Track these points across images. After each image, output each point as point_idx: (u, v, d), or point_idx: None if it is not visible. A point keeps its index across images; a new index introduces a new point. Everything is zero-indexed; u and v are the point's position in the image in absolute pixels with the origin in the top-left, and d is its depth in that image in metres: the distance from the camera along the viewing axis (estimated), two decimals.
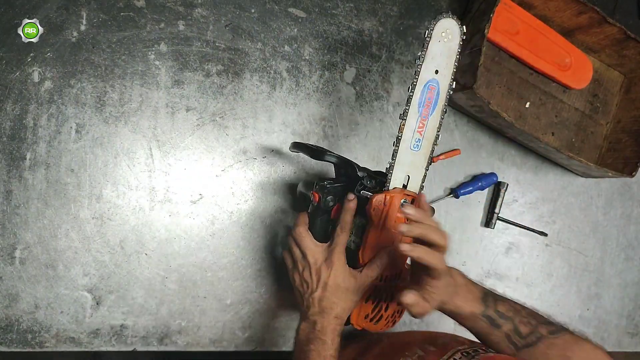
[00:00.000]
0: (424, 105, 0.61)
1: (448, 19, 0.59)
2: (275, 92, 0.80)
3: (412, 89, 0.60)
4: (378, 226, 0.63)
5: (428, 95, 0.61)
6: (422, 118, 0.62)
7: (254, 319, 0.81)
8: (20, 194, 0.70)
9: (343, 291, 0.61)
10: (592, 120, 0.99)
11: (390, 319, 0.71)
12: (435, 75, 0.60)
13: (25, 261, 0.71)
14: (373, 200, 0.61)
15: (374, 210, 0.61)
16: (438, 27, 0.59)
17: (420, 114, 0.61)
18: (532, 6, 0.89)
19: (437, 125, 0.63)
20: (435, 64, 0.60)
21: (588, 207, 1.02)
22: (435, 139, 0.63)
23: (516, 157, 0.96)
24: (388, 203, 0.61)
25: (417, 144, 0.63)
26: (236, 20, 0.78)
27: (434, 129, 0.63)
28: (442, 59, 0.60)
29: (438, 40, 0.59)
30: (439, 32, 0.59)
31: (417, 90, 0.60)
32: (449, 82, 0.61)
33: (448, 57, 0.60)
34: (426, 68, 0.60)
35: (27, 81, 0.70)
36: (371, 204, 0.61)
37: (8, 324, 0.71)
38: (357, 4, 0.84)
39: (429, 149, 0.64)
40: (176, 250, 0.76)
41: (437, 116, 0.62)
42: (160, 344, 0.76)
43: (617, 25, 0.86)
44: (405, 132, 0.61)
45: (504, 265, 0.96)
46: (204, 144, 0.77)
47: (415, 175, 0.64)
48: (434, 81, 0.61)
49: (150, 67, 0.75)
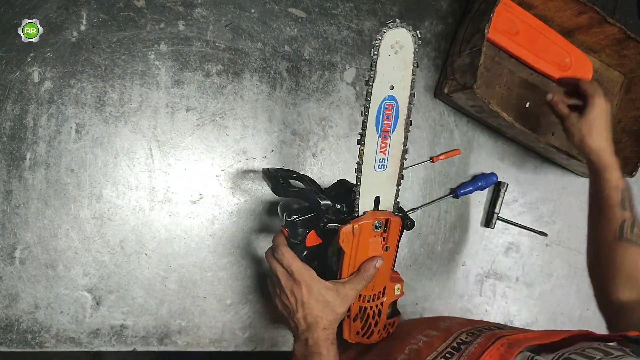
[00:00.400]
0: (382, 125, 0.57)
1: (395, 29, 0.53)
2: (275, 92, 0.80)
3: (365, 111, 0.56)
4: (351, 256, 0.62)
5: (386, 114, 0.56)
6: (383, 138, 0.58)
7: (254, 319, 0.81)
8: (20, 194, 0.70)
9: (323, 304, 0.60)
10: None
11: (382, 332, 0.70)
12: (391, 91, 0.55)
13: (25, 261, 0.71)
14: (341, 233, 0.60)
15: (343, 242, 0.60)
16: (385, 40, 0.53)
17: (380, 135, 0.57)
18: (532, 6, 0.89)
19: (402, 140, 0.59)
20: (388, 80, 0.55)
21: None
22: (402, 154, 0.60)
23: (516, 157, 0.96)
24: (357, 232, 0.60)
25: (382, 164, 0.59)
26: (236, 20, 0.78)
27: (399, 145, 0.59)
28: (397, 72, 0.55)
29: (388, 55, 0.53)
30: (388, 45, 0.53)
31: (372, 111, 0.56)
32: (408, 95, 0.57)
33: (403, 69, 0.55)
34: (378, 87, 0.55)
35: (27, 81, 0.70)
36: (339, 237, 0.60)
37: (8, 324, 0.71)
38: (357, 4, 0.84)
39: (396, 165, 0.60)
40: (176, 250, 0.76)
41: (401, 131, 0.58)
42: (160, 344, 0.76)
43: (617, 25, 0.86)
44: (366, 155, 0.58)
45: (504, 265, 0.96)
46: (204, 144, 0.77)
47: (386, 194, 0.61)
48: (391, 98, 0.56)
49: (150, 67, 0.75)
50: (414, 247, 0.90)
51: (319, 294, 0.60)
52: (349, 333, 0.69)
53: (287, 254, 0.61)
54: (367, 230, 0.61)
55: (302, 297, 0.60)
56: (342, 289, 0.61)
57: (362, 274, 0.62)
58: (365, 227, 0.60)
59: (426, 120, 0.89)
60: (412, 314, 0.90)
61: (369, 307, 0.67)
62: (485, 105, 0.77)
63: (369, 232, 0.61)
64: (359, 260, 0.62)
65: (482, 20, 0.78)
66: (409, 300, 0.90)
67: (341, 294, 0.61)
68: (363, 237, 0.61)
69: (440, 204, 0.91)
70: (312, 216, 0.62)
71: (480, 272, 0.95)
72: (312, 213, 0.62)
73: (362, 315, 0.67)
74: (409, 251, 0.89)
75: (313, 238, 0.64)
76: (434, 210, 0.90)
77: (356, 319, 0.67)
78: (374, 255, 0.62)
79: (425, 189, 0.89)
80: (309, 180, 0.70)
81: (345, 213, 0.62)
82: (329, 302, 0.60)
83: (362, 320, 0.68)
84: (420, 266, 0.90)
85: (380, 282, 0.66)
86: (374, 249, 0.63)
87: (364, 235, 0.61)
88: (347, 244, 0.60)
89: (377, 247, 0.63)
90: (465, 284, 0.94)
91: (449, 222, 0.92)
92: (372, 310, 0.67)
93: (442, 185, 0.91)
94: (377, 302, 0.67)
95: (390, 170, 0.60)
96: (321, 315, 0.60)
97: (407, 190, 0.88)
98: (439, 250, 0.91)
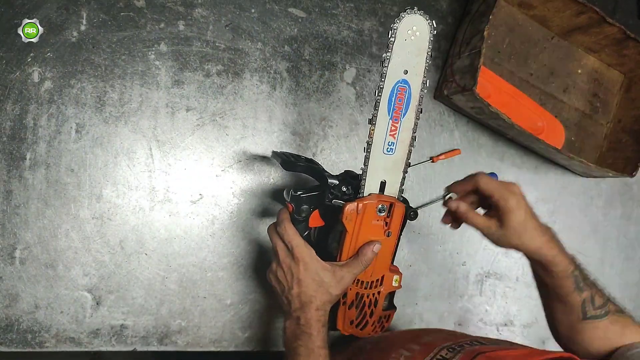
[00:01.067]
0: (394, 107, 0.58)
1: (413, 15, 0.55)
2: (275, 92, 0.80)
3: (378, 92, 0.57)
4: (353, 234, 0.62)
5: (398, 97, 0.58)
6: (394, 121, 0.59)
7: (254, 319, 0.80)
8: (20, 194, 0.70)
9: (318, 284, 0.60)
10: (592, 120, 0.99)
11: (377, 325, 0.70)
12: (405, 75, 0.57)
13: (25, 261, 0.71)
14: (345, 209, 0.60)
15: (347, 219, 0.61)
16: (403, 25, 0.54)
17: (392, 117, 0.58)
18: (531, 7, 0.89)
19: (412, 126, 0.60)
20: (403, 64, 0.56)
21: (588, 207, 1.01)
22: (411, 141, 0.61)
23: (516, 157, 0.96)
24: (361, 211, 0.60)
25: (391, 148, 0.60)
26: (236, 20, 0.78)
27: (408, 130, 0.60)
28: (411, 57, 0.56)
29: (404, 39, 0.55)
30: (405, 30, 0.55)
31: (385, 92, 0.57)
32: (421, 82, 0.58)
33: (417, 55, 0.57)
34: (393, 69, 0.56)
35: (27, 81, 0.70)
36: (343, 213, 0.60)
37: (8, 324, 0.71)
38: (357, 4, 0.84)
39: (404, 151, 0.61)
40: (176, 250, 0.76)
41: (412, 117, 0.60)
42: (160, 344, 0.76)
43: (616, 25, 0.86)
44: (376, 136, 0.59)
45: (504, 265, 0.96)
46: (204, 144, 0.77)
47: (392, 179, 0.62)
48: (404, 82, 0.57)
49: (150, 67, 0.75)
50: (414, 247, 0.90)
51: (316, 273, 0.60)
52: (343, 322, 0.69)
53: (290, 230, 0.61)
54: (371, 211, 0.61)
55: (298, 274, 0.60)
56: (338, 271, 0.61)
57: (360, 258, 0.62)
58: (370, 207, 0.61)
59: (426, 120, 0.89)
60: (412, 314, 0.90)
61: (365, 294, 0.67)
62: (485, 106, 0.77)
63: (373, 213, 0.61)
64: (360, 241, 0.62)
65: (482, 22, 0.78)
66: (409, 300, 0.90)
67: (337, 276, 0.61)
68: (366, 217, 0.61)
69: (440, 204, 0.90)
70: (318, 194, 0.63)
71: (480, 272, 0.94)
72: (318, 191, 0.63)
73: (358, 302, 0.67)
74: (409, 251, 0.89)
75: (316, 219, 0.64)
76: (434, 210, 0.90)
77: (352, 306, 0.67)
78: (373, 240, 0.63)
79: (425, 189, 0.89)
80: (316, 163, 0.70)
81: (349, 194, 0.63)
82: (324, 282, 0.60)
83: (357, 309, 0.68)
84: (420, 266, 0.90)
85: (379, 269, 0.66)
86: (376, 232, 0.63)
87: (367, 216, 0.61)
88: (350, 222, 0.61)
89: (379, 230, 0.63)
90: (465, 284, 0.94)
91: None
92: (369, 298, 0.67)
93: (442, 185, 0.91)
94: (374, 289, 0.67)
95: (399, 155, 0.61)
96: (315, 295, 0.60)
97: (407, 190, 0.88)
98: (439, 250, 0.91)
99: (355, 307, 0.68)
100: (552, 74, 0.95)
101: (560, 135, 0.94)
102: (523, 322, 0.98)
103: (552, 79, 0.95)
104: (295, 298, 0.61)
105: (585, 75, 0.97)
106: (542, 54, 0.94)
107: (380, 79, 0.57)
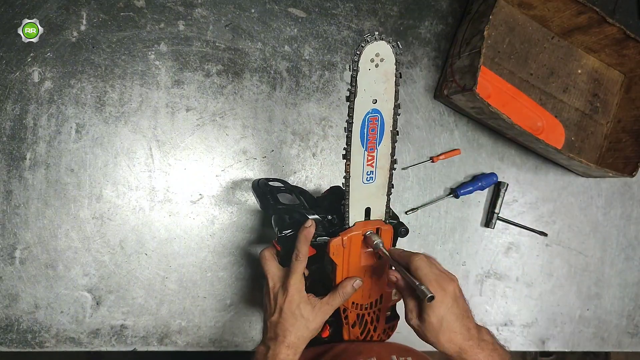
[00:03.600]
0: (367, 139, 0.56)
1: (374, 43, 0.51)
2: (275, 92, 0.80)
3: (348, 127, 0.54)
4: (343, 266, 0.61)
5: (371, 127, 0.55)
6: (370, 151, 0.56)
7: (254, 319, 0.80)
8: (20, 194, 0.70)
9: (298, 318, 0.60)
10: (592, 120, 0.99)
11: (382, 335, 0.71)
12: (374, 104, 0.54)
13: (25, 261, 0.71)
14: (330, 245, 0.59)
15: (334, 254, 0.60)
16: (364, 55, 0.51)
17: (366, 148, 0.56)
18: (531, 6, 0.89)
19: (389, 152, 0.58)
20: (370, 94, 0.53)
21: (588, 207, 1.01)
22: (391, 165, 0.59)
23: (516, 157, 0.96)
24: (347, 244, 0.60)
25: (371, 177, 0.58)
26: (236, 20, 0.78)
27: (386, 156, 0.58)
28: (379, 85, 0.53)
29: (368, 69, 0.52)
30: (367, 59, 0.51)
31: (355, 127, 0.54)
32: (392, 107, 0.55)
33: (385, 81, 0.53)
34: (361, 102, 0.53)
35: (27, 81, 0.70)
36: (329, 249, 0.60)
37: (8, 324, 0.71)
38: (357, 4, 0.84)
39: (385, 176, 0.59)
40: (176, 250, 0.76)
41: (388, 143, 0.57)
42: (160, 344, 0.76)
43: (616, 25, 0.86)
44: (353, 170, 0.57)
45: (504, 265, 0.96)
46: (204, 144, 0.77)
47: (376, 204, 0.61)
48: (374, 111, 0.54)
49: (150, 67, 0.75)
50: (414, 247, 0.90)
51: (297, 307, 0.60)
52: (349, 338, 0.69)
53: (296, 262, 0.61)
54: (357, 241, 0.61)
55: (282, 303, 0.60)
56: (318, 305, 0.61)
57: (339, 291, 0.61)
58: (355, 239, 0.60)
59: (426, 120, 0.89)
60: None
61: (366, 313, 0.67)
62: (485, 106, 0.77)
63: (359, 244, 0.61)
64: (352, 270, 0.62)
65: (482, 22, 0.78)
66: None
67: (316, 309, 0.61)
68: (354, 248, 0.61)
69: (440, 204, 0.91)
70: None
71: (480, 272, 0.94)
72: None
73: (360, 322, 0.67)
74: None
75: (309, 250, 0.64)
76: (434, 210, 0.90)
77: (355, 326, 0.67)
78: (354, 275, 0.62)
79: (425, 189, 0.89)
80: (299, 192, 0.69)
81: (336, 224, 0.62)
82: (303, 316, 0.60)
83: (360, 327, 0.68)
84: None
85: (376, 291, 0.66)
86: (367, 258, 0.62)
87: (354, 248, 0.61)
88: (338, 256, 0.60)
89: (369, 256, 0.62)
90: (465, 284, 0.94)
91: (449, 222, 0.92)
92: (370, 316, 0.67)
93: (442, 185, 0.91)
94: (374, 308, 0.67)
95: (379, 181, 0.59)
96: (291, 330, 0.60)
97: (407, 190, 0.88)
98: (439, 250, 0.91)
99: (358, 326, 0.68)
100: (552, 74, 0.95)
101: (560, 135, 0.94)
102: (523, 322, 0.98)
103: (552, 79, 0.95)
104: (272, 327, 0.61)
105: (585, 75, 0.97)
106: (542, 54, 0.94)
107: (348, 114, 0.54)
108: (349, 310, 0.66)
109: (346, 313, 0.66)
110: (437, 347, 0.57)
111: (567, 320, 1.00)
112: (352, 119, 0.54)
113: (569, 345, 1.01)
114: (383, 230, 0.61)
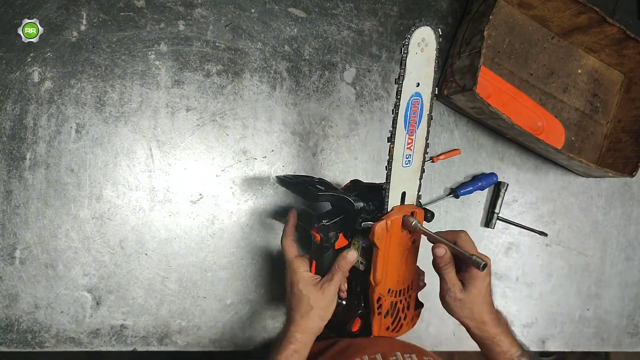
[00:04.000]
0: (409, 121, 0.59)
1: (422, 28, 0.55)
2: (275, 92, 0.80)
3: (396, 110, 0.57)
4: (384, 250, 0.63)
5: (412, 110, 0.58)
6: (410, 134, 0.60)
7: (254, 319, 0.81)
8: (20, 194, 0.70)
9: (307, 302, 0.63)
10: (592, 120, 0.99)
11: (410, 323, 0.73)
12: (417, 88, 0.58)
13: (25, 261, 0.71)
14: (375, 230, 0.61)
15: (378, 238, 0.61)
16: (414, 38, 0.55)
17: (408, 131, 0.59)
18: (531, 7, 0.89)
19: (425, 135, 0.61)
20: (415, 77, 0.57)
21: (588, 207, 1.01)
22: (425, 148, 0.62)
23: (516, 157, 0.96)
24: (390, 228, 0.62)
25: (409, 160, 0.61)
26: (236, 20, 0.78)
27: (422, 139, 0.61)
28: (422, 69, 0.57)
29: (415, 53, 0.56)
30: (415, 43, 0.55)
31: (402, 109, 0.57)
32: (431, 90, 0.59)
33: (427, 66, 0.57)
34: (408, 84, 0.57)
35: (27, 81, 0.70)
36: (374, 234, 0.61)
37: (8, 324, 0.71)
38: (357, 4, 0.84)
39: (420, 160, 0.63)
40: (176, 250, 0.76)
41: (424, 126, 0.61)
42: (160, 344, 0.76)
43: (616, 25, 0.86)
44: (396, 153, 0.59)
45: (504, 265, 0.96)
46: (204, 144, 0.77)
47: (410, 188, 0.64)
48: (417, 94, 0.58)
49: (150, 67, 0.75)
50: None
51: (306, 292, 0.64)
52: (379, 330, 0.70)
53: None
54: (398, 225, 0.62)
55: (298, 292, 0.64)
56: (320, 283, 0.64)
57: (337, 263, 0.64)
58: (396, 222, 0.62)
59: None
60: None
61: (399, 301, 0.68)
62: (485, 106, 0.77)
63: (399, 227, 0.63)
64: (392, 255, 0.64)
65: (482, 22, 0.78)
66: None
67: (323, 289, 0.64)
68: (395, 232, 0.62)
69: (440, 204, 0.91)
70: (342, 218, 0.64)
71: None
72: (341, 215, 0.65)
73: (392, 310, 0.69)
74: None
75: (341, 241, 0.66)
76: (434, 210, 0.90)
77: (387, 315, 0.69)
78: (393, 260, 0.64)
79: (425, 189, 0.89)
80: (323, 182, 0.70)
81: (372, 211, 0.64)
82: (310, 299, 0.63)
83: (392, 316, 0.69)
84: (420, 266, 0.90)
85: (409, 275, 0.68)
86: (404, 242, 0.64)
87: (395, 231, 0.62)
88: (381, 240, 0.62)
89: (406, 240, 0.64)
90: None
91: (449, 222, 0.92)
92: (402, 304, 0.69)
93: (442, 185, 0.91)
94: (406, 295, 0.69)
95: (415, 165, 0.63)
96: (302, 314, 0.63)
97: None
98: None
99: (390, 315, 0.69)
100: (552, 74, 0.95)
101: (560, 135, 0.94)
102: (523, 322, 0.98)
103: (552, 79, 0.95)
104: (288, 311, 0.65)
105: (585, 75, 0.97)
106: (542, 54, 0.94)
107: (396, 96, 0.57)
108: (384, 299, 0.67)
109: (380, 302, 0.67)
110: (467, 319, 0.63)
111: (567, 320, 1.00)
112: (400, 101, 0.57)
113: (569, 345, 1.01)
114: (417, 213, 0.64)
